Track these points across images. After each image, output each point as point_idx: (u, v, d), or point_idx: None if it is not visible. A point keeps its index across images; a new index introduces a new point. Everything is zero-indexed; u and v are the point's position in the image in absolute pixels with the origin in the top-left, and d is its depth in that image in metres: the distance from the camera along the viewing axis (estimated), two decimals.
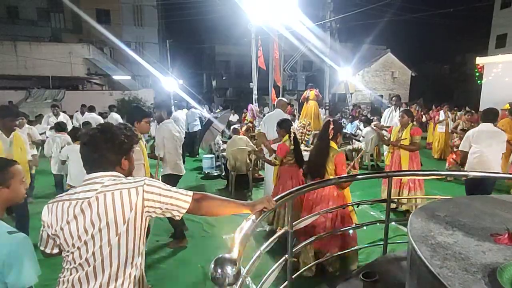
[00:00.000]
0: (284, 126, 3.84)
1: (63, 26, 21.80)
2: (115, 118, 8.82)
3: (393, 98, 6.86)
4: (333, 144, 3.08)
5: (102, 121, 7.47)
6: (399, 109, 6.07)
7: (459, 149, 4.52)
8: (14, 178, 1.49)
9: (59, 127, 5.29)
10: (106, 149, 1.31)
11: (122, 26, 23.34)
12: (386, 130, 6.06)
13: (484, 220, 1.65)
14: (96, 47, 19.51)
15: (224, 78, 30.42)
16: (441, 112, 9.51)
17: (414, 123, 4.90)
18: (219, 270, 0.95)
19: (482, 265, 1.19)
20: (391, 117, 6.68)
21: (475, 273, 1.15)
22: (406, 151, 4.43)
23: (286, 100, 5.29)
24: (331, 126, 3.06)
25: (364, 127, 8.39)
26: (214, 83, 31.72)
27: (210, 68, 32.56)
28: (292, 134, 3.72)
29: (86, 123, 5.68)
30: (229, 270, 0.95)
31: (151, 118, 3.00)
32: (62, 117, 7.38)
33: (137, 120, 2.92)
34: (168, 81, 18.28)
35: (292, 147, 3.71)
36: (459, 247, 1.35)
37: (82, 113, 8.51)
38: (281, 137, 3.87)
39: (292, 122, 8.92)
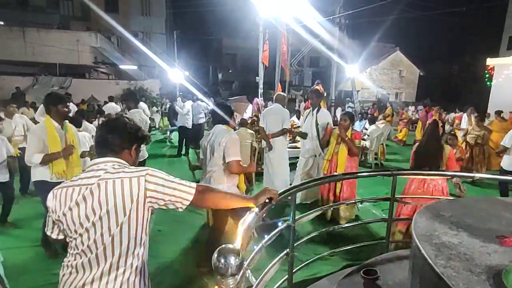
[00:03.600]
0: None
1: (71, 14, 21.82)
2: (113, 107, 8.95)
3: (309, 94, 5.09)
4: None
5: (119, 110, 7.55)
6: (317, 111, 4.68)
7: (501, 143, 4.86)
8: None
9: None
10: (123, 130, 1.36)
11: (130, 16, 23.30)
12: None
13: (490, 222, 1.63)
14: (104, 35, 19.51)
15: (230, 71, 30.36)
16: (464, 115, 9.04)
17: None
18: (222, 260, 0.95)
19: (487, 266, 1.18)
20: (310, 121, 4.77)
21: (479, 274, 1.13)
22: (343, 159, 4.14)
23: (284, 94, 5.29)
24: (440, 125, 3.52)
25: (370, 125, 8.33)
26: (220, 76, 31.66)
27: (217, 61, 32.47)
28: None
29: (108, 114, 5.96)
30: (232, 260, 0.95)
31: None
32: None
33: (230, 118, 3.10)
34: (174, 72, 18.27)
35: None
36: (464, 248, 1.34)
37: None
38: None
39: (297, 118, 8.91)
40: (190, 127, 8.56)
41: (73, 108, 7.56)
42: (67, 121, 3.12)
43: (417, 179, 3.38)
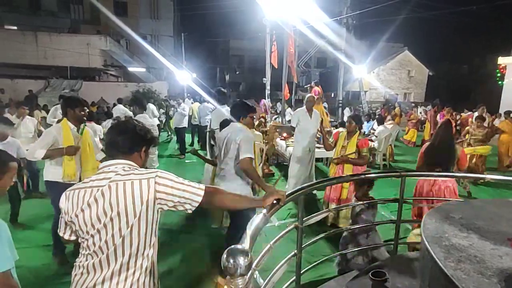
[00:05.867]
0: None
1: (81, 18, 22.20)
2: (121, 109, 9.06)
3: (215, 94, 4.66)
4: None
5: (129, 112, 7.67)
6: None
7: None
8: (8, 173, 1.51)
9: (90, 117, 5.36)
10: (132, 132, 1.38)
11: (139, 19, 23.61)
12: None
13: (501, 224, 1.61)
14: (113, 39, 19.81)
15: (237, 72, 30.50)
16: (475, 114, 8.92)
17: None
18: (231, 261, 0.96)
19: (498, 269, 1.17)
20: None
21: (490, 276, 1.12)
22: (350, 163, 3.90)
23: (313, 96, 5.44)
24: (453, 124, 3.44)
25: (378, 126, 8.26)
26: (227, 77, 31.81)
27: (224, 63, 32.64)
28: None
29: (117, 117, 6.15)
30: (241, 261, 0.96)
31: (255, 114, 3.10)
32: None
33: (242, 116, 2.95)
34: (182, 74, 18.45)
35: None
36: (474, 250, 1.32)
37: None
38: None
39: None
40: (187, 126, 8.89)
41: None
42: (83, 124, 3.13)
43: (427, 180, 3.30)
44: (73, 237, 1.41)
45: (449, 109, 10.51)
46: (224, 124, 4.06)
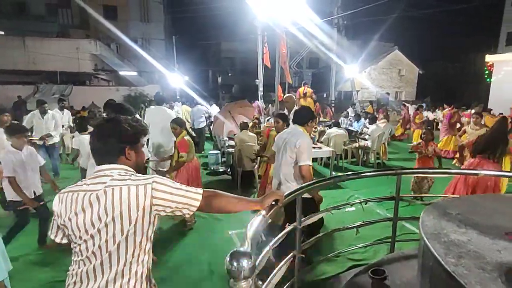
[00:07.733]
0: (180, 123, 4.13)
1: (70, 22, 21.94)
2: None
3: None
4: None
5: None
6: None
7: None
8: None
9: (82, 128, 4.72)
10: (108, 136, 1.31)
11: (129, 22, 23.42)
12: None
13: (498, 219, 1.63)
14: (103, 43, 19.60)
15: (229, 74, 30.47)
16: (471, 112, 8.94)
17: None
18: (235, 264, 0.95)
19: (498, 263, 1.18)
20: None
21: (491, 271, 1.13)
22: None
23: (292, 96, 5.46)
24: (510, 120, 3.76)
25: (370, 124, 8.33)
26: (219, 79, 31.75)
27: (216, 65, 32.59)
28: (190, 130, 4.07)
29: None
30: (245, 263, 0.95)
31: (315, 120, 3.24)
32: (51, 116, 6.12)
33: (308, 121, 3.00)
34: (174, 77, 18.35)
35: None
36: (473, 246, 1.33)
37: (43, 113, 6.09)
38: (178, 135, 4.10)
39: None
40: None
41: (68, 114, 7.48)
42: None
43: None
44: (64, 241, 1.37)
45: (458, 110, 10.26)
46: (176, 121, 4.15)
